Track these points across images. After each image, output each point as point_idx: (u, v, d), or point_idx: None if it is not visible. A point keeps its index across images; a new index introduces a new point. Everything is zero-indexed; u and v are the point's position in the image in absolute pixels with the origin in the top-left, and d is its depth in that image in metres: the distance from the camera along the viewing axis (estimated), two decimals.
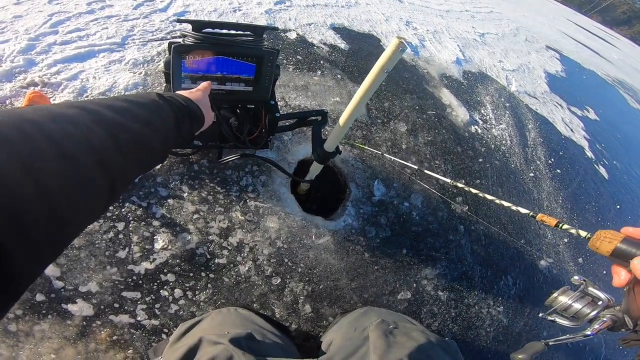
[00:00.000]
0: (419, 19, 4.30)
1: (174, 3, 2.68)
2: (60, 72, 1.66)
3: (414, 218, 1.69)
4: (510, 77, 3.97)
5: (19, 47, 1.74)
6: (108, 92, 1.62)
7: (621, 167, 3.76)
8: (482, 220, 1.91)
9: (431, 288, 1.50)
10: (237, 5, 2.92)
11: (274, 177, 1.50)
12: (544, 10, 15.85)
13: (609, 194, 3.07)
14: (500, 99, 3.31)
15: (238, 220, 1.31)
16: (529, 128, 3.14)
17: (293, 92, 2.03)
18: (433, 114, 2.46)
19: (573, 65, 6.52)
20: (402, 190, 1.77)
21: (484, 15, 6.45)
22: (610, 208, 2.91)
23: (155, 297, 1.08)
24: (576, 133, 3.73)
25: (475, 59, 3.93)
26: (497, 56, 4.42)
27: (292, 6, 3.20)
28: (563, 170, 2.90)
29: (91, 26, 2.11)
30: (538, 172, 2.68)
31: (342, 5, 3.67)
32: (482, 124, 2.72)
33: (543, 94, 4.11)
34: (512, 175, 2.44)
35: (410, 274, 1.49)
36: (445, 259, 1.63)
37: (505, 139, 2.74)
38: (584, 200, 2.75)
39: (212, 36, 1.01)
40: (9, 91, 1.48)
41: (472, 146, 2.40)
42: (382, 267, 1.45)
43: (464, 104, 2.82)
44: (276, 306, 1.20)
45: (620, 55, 14.03)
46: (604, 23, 43.52)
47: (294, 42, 2.59)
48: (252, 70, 1.11)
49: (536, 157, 2.84)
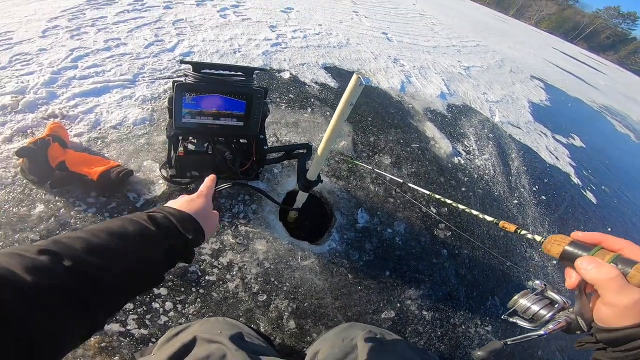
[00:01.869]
0: (406, 56, 4.62)
1: (180, 44, 2.98)
2: (77, 105, 1.86)
3: (397, 243, 1.81)
4: (494, 108, 4.19)
5: (43, 80, 1.96)
6: (119, 126, 1.81)
7: (610, 191, 3.85)
8: (473, 239, 2.01)
9: (415, 308, 1.57)
10: (237, 47, 3.22)
11: (264, 205, 1.66)
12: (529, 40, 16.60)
13: (598, 217, 3.15)
14: (484, 130, 3.51)
15: (229, 243, 1.45)
16: (512, 157, 3.30)
17: (284, 129, 2.23)
18: (417, 147, 2.64)
19: (558, 94, 6.81)
20: (385, 218, 1.90)
21: (470, 49, 6.84)
22: (601, 231, 2.99)
23: (147, 308, 1.18)
24: (561, 160, 3.87)
25: (459, 92, 4.18)
26: (482, 88, 4.68)
27: (287, 47, 3.50)
28: (549, 196, 3.01)
29: (107, 63, 2.36)
30: (522, 199, 2.80)
31: (333, 45, 4.00)
32: (465, 155, 2.89)
33: (527, 123, 4.31)
34: (496, 202, 2.57)
35: (393, 294, 1.58)
36: (429, 281, 1.72)
37: (488, 169, 2.89)
38: (571, 225, 2.84)
39: (209, 76, 1.20)
40: (31, 121, 1.67)
41: (455, 176, 2.55)
42: (365, 287, 1.54)
43: (447, 136, 3.01)
44: (261, 321, 1.28)
45: (607, 81, 14.51)
46: (590, 49, 45.01)
47: (287, 81, 2.84)
48: (242, 106, 1.28)
49: (520, 184, 2.97)
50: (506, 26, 20.39)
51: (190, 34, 3.22)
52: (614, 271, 0.43)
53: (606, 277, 0.43)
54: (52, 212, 1.30)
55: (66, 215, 1.30)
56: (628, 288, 0.42)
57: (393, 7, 8.23)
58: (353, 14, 5.99)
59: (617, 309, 0.43)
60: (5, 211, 1.27)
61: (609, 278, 0.42)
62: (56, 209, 1.31)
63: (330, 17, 5.28)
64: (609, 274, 0.43)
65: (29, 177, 1.32)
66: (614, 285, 0.42)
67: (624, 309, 0.42)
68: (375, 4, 7.68)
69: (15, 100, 1.74)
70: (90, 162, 1.38)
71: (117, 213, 1.36)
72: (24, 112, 1.70)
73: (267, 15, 4.47)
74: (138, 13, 3.66)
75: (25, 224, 1.25)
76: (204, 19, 3.80)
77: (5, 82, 1.90)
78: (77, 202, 1.34)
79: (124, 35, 2.92)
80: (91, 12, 3.49)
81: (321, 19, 4.95)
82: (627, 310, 0.42)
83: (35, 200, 1.32)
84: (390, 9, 7.71)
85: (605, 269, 0.43)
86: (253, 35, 3.58)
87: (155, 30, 3.21)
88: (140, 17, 3.51)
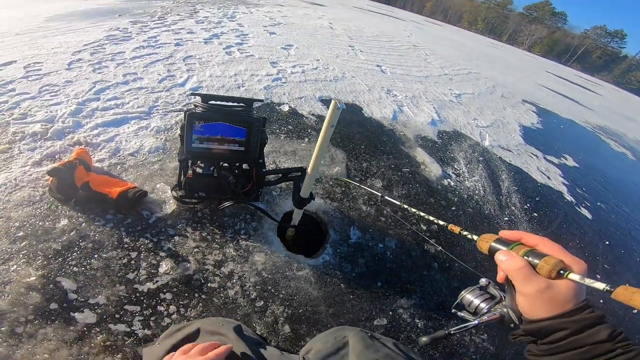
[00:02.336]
0: (399, 87, 4.92)
1: (190, 79, 3.29)
2: (100, 134, 2.10)
3: (388, 257, 1.93)
4: (484, 133, 4.38)
5: (69, 110, 2.22)
6: (136, 153, 2.04)
7: (607, 207, 3.90)
8: (457, 259, 2.10)
9: (407, 316, 1.65)
10: (241, 82, 3.52)
11: (264, 223, 1.82)
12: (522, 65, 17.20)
13: (594, 232, 3.19)
14: (474, 153, 3.67)
15: (230, 255, 1.60)
16: (502, 178, 3.44)
17: (283, 157, 2.43)
18: (407, 171, 2.81)
19: (550, 117, 7.04)
20: (377, 234, 2.04)
21: (461, 76, 7.19)
22: (598, 244, 3.02)
23: (152, 311, 1.30)
24: (553, 180, 3.99)
25: (450, 118, 4.40)
26: (472, 114, 4.91)
27: (287, 82, 3.81)
28: (541, 213, 3.11)
29: (126, 95, 2.64)
30: (513, 216, 2.91)
31: (330, 79, 4.32)
32: (455, 177, 3.05)
33: (517, 146, 4.48)
34: (486, 220, 2.68)
35: (386, 303, 1.67)
36: (421, 291, 1.81)
37: (478, 189, 3.03)
38: (566, 239, 2.89)
39: (215, 106, 1.41)
40: (59, 147, 1.91)
41: (445, 197, 2.70)
42: (358, 296, 1.65)
43: (437, 160, 3.18)
44: (258, 324, 1.38)
45: (602, 102, 14.78)
46: (584, 71, 45.81)
47: (286, 113, 3.09)
48: (243, 133, 1.47)
49: (511, 203, 3.09)
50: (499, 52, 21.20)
51: (199, 70, 3.55)
52: (521, 262, 0.47)
53: (514, 268, 0.47)
54: (74, 226, 1.48)
55: (86, 228, 1.48)
56: (534, 277, 0.45)
57: (388, 40, 8.78)
58: (349, 48, 6.43)
59: (527, 298, 0.46)
60: (32, 224, 1.45)
61: (517, 268, 0.47)
62: (78, 224, 1.49)
63: (327, 52, 5.68)
64: (517, 264, 0.47)
65: (56, 195, 1.52)
66: (521, 274, 0.46)
67: (532, 298, 0.45)
68: (371, 39, 8.21)
69: (45, 128, 1.98)
70: (110, 183, 1.58)
71: (132, 228, 1.54)
72: (53, 139, 1.94)
73: (269, 52, 4.86)
74: (152, 49, 4.05)
75: (49, 236, 1.43)
76: (211, 56, 4.17)
77: (36, 111, 2.17)
78: (97, 218, 1.52)
79: (140, 70, 3.25)
80: (110, 47, 3.87)
81: (319, 55, 5.34)
82: (535, 299, 0.45)
83: (60, 216, 1.51)
84: (385, 43, 8.23)
85: (515, 260, 0.48)
86: (256, 71, 3.91)
87: (168, 65, 3.54)
88: (154, 53, 3.88)
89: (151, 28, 5.19)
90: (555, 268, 0.44)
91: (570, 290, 0.44)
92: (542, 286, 0.44)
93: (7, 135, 1.94)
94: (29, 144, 1.89)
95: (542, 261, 0.45)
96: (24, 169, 1.71)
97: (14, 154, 1.81)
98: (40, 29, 4.63)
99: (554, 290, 0.44)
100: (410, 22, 19.37)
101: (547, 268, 0.44)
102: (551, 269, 0.44)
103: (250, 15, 7.76)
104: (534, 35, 60.61)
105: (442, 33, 19.58)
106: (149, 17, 6.16)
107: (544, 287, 0.44)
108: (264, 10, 9.05)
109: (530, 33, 61.11)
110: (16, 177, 1.66)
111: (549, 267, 0.44)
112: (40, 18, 5.67)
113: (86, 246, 1.43)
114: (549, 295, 0.44)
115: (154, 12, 6.62)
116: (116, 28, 4.89)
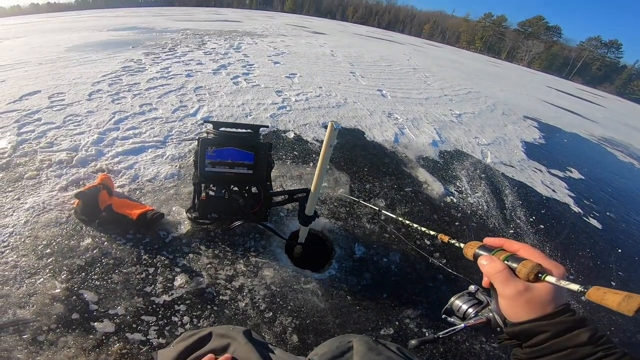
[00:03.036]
0: (399, 110, 5.08)
1: (201, 109, 3.50)
2: (120, 162, 2.28)
3: (393, 270, 1.98)
4: (486, 151, 4.45)
5: (92, 140, 2.41)
6: (153, 180, 2.20)
7: (616, 217, 3.84)
8: (461, 275, 2.13)
9: (414, 325, 1.68)
10: (248, 111, 3.72)
11: (272, 241, 1.92)
12: (522, 81, 17.39)
13: (605, 241, 3.15)
14: (476, 171, 3.74)
15: (241, 270, 1.70)
16: (505, 193, 3.48)
17: (289, 181, 2.56)
18: (410, 190, 2.89)
19: (553, 131, 7.08)
20: (381, 249, 2.10)
21: (461, 96, 7.36)
22: (610, 253, 2.98)
23: (167, 321, 1.39)
24: (559, 192, 3.99)
25: (451, 138, 4.50)
26: (473, 133, 5.01)
27: (292, 110, 4.00)
28: (547, 225, 3.11)
29: (142, 126, 2.85)
30: (519, 229, 2.93)
31: (332, 106, 4.52)
32: (458, 194, 3.11)
33: (520, 161, 4.53)
34: (491, 233, 2.71)
35: (392, 314, 1.71)
36: (427, 302, 1.84)
37: (481, 205, 3.08)
38: (575, 249, 2.87)
39: (226, 132, 1.55)
40: (82, 174, 2.09)
41: (448, 213, 2.76)
42: (364, 307, 1.70)
43: (439, 179, 3.25)
44: (267, 334, 1.45)
45: (606, 113, 14.72)
46: (586, 83, 45.65)
47: (291, 140, 3.26)
48: (251, 157, 1.60)
49: (515, 216, 3.12)
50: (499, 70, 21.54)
51: (209, 100, 3.78)
52: (500, 265, 0.49)
53: (494, 271, 0.49)
54: (97, 244, 1.61)
55: (108, 247, 1.61)
56: (513, 280, 0.47)
57: (388, 64, 9.13)
58: (350, 74, 6.72)
59: (507, 301, 0.48)
60: (58, 243, 1.60)
61: (497, 271, 0.49)
62: (100, 242, 1.62)
63: (329, 79, 5.96)
64: (496, 267, 0.49)
65: (81, 217, 1.66)
66: (500, 277, 0.48)
67: (511, 300, 0.47)
68: (371, 64, 8.57)
69: (70, 156, 2.16)
70: (130, 206, 1.72)
71: (150, 246, 1.66)
72: (77, 167, 2.12)
73: (274, 81, 5.13)
74: (165, 80, 4.34)
75: (74, 253, 1.56)
76: (220, 86, 4.44)
77: (61, 140, 2.37)
78: (118, 237, 1.65)
79: (154, 100, 3.49)
80: (127, 77, 4.17)
81: (321, 82, 5.60)
82: (514, 301, 0.46)
83: (84, 235, 1.64)
84: (385, 67, 8.56)
85: (495, 264, 0.50)
86: (262, 100, 4.14)
87: (180, 96, 3.79)
88: (167, 84, 4.17)
89: (163, 59, 5.57)
90: (533, 271, 0.46)
91: (549, 293, 0.45)
92: (520, 288, 0.45)
93: (35, 163, 2.12)
94: (55, 170, 2.07)
95: (520, 265, 0.47)
96: (52, 194, 1.87)
97: (42, 180, 1.98)
98: (60, 59, 5.03)
99: (532, 293, 0.45)
100: (409, 46, 20.08)
101: (525, 271, 0.46)
102: (529, 271, 0.46)
103: (255, 46, 8.23)
104: (531, 51, 61.18)
105: (441, 54, 20.14)
106: (160, 48, 6.60)
107: (522, 289, 0.45)
108: (268, 40, 9.59)
109: (527, 49, 61.74)
110: (44, 200, 1.81)
111: (526, 270, 0.46)
112: (61, 48, 6.18)
113: (107, 262, 1.55)
114: (528, 298, 0.45)
115: (165, 44, 7.10)
116: (131, 59, 5.28)
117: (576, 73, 58.93)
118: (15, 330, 1.22)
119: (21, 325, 1.24)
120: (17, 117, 2.78)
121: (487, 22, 69.57)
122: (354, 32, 20.13)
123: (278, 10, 66.73)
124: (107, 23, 11.87)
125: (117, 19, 14.13)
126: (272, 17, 24.01)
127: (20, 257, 1.51)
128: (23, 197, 1.85)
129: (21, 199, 1.83)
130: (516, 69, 31.29)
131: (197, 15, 18.48)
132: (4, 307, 1.30)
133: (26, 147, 2.32)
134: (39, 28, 10.34)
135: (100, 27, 10.24)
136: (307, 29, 16.88)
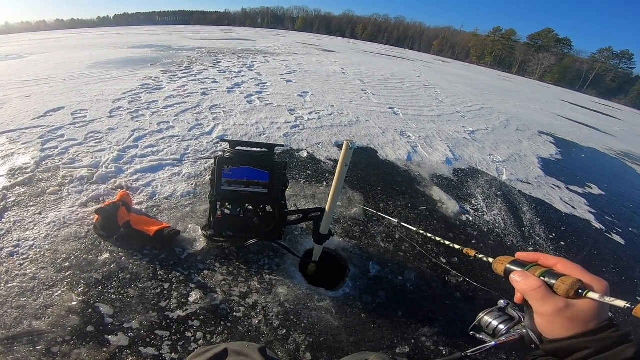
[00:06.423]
0: (412, 128, 5.08)
1: (216, 128, 3.58)
2: (139, 179, 2.33)
3: (409, 288, 1.93)
4: (501, 168, 4.37)
5: (112, 157, 2.48)
6: (170, 197, 2.23)
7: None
8: (485, 287, 2.05)
9: (431, 344, 1.62)
10: (262, 130, 3.78)
11: (286, 259, 1.91)
12: (535, 96, 17.23)
13: (629, 257, 3.03)
14: (491, 189, 3.66)
15: (255, 287, 1.69)
16: (523, 211, 3.39)
17: (303, 200, 2.56)
18: (424, 209, 2.85)
19: (569, 147, 6.94)
20: (396, 268, 2.06)
21: (474, 113, 7.32)
22: (635, 268, 2.86)
23: (180, 336, 1.38)
24: (578, 209, 3.87)
25: (465, 156, 4.44)
26: (487, 150, 4.95)
27: (304, 129, 4.05)
28: (568, 242, 3.00)
29: (160, 144, 2.91)
30: (538, 246, 2.83)
31: (344, 124, 4.55)
32: (474, 213, 3.04)
33: (537, 178, 4.42)
34: (509, 251, 2.62)
35: (407, 332, 1.66)
36: (444, 320, 1.78)
37: (498, 223, 3.00)
38: (599, 265, 2.77)
39: (242, 151, 1.56)
40: (103, 191, 2.15)
41: (464, 231, 2.69)
42: (379, 325, 1.65)
43: (454, 197, 3.19)
44: (280, 352, 1.42)
45: (623, 126, 14.34)
46: (600, 96, 44.39)
47: (305, 159, 3.28)
48: (266, 176, 1.60)
49: (535, 234, 3.02)
50: (511, 84, 21.43)
51: (223, 119, 3.87)
52: (536, 282, 0.46)
53: (529, 288, 0.46)
54: (114, 259, 1.63)
55: (125, 262, 1.63)
56: (551, 297, 0.44)
57: (399, 82, 9.22)
58: (362, 92, 6.80)
59: (545, 318, 0.45)
60: (77, 257, 1.63)
61: (533, 288, 0.46)
62: (118, 257, 1.64)
63: (341, 97, 6.03)
64: (532, 285, 0.46)
65: (100, 232, 1.69)
66: (537, 294, 0.45)
67: (551, 317, 0.44)
68: (382, 81, 8.67)
69: (90, 173, 2.23)
70: (148, 222, 1.75)
71: (166, 263, 1.67)
72: (98, 183, 2.18)
73: (286, 100, 5.23)
74: (181, 98, 4.48)
75: (92, 267, 1.59)
76: (234, 105, 4.55)
77: (82, 156, 2.45)
78: (135, 253, 1.67)
79: (172, 118, 3.59)
80: (145, 95, 4.32)
81: (333, 100, 5.67)
82: (554, 318, 0.44)
83: (102, 250, 1.67)
84: (396, 84, 8.65)
85: (530, 281, 0.47)
86: (275, 119, 4.21)
87: (196, 115, 3.90)
88: (184, 102, 4.29)
89: (179, 77, 5.78)
90: (573, 287, 0.43)
91: (592, 309, 0.42)
92: (561, 305, 0.43)
93: (57, 179, 2.19)
94: (76, 187, 2.13)
95: (558, 281, 0.45)
96: (72, 209, 1.92)
97: (63, 196, 2.04)
98: (82, 75, 5.27)
99: (573, 310, 0.43)
100: (419, 62, 20.30)
101: (564, 287, 0.44)
102: (568, 288, 0.43)
103: (267, 64, 8.46)
104: (543, 64, 60.16)
105: (452, 70, 20.25)
106: (177, 66, 6.86)
107: (562, 307, 0.43)
108: (280, 59, 9.85)
109: (539, 62, 60.77)
110: (65, 215, 1.86)
111: (566, 287, 0.44)
112: (83, 64, 6.49)
113: (124, 277, 1.56)
114: (569, 315, 0.43)
115: (181, 62, 7.38)
116: (149, 77, 5.49)
117: (589, 85, 57.72)
118: (29, 340, 1.24)
119: (36, 336, 1.25)
120: (41, 132, 2.90)
121: (496, 36, 69.46)
122: (363, 50, 20.53)
123: (289, 29, 68.99)
124: (127, 40, 12.52)
125: (136, 36, 14.87)
126: (283, 36, 24.81)
127: (39, 269, 1.55)
128: (45, 211, 1.91)
129: (42, 214, 1.89)
130: (528, 83, 31.13)
131: (212, 34, 19.28)
132: (20, 317, 1.33)
133: (49, 163, 2.41)
134: (63, 44, 10.95)
135: (120, 45, 10.79)
136: (318, 47, 17.32)
